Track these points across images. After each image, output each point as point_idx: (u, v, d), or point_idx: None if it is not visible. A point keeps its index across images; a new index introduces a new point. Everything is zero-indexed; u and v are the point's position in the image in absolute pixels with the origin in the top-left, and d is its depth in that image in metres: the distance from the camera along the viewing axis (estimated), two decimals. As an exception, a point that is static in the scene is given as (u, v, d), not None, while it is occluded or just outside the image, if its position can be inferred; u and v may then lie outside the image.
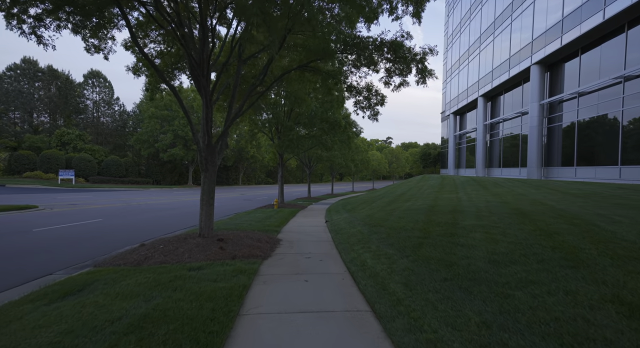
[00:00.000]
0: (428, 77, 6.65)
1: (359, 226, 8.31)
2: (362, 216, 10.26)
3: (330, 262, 5.44)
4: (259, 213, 13.67)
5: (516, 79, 21.83)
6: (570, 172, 16.64)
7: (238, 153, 56.50)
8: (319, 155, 26.35)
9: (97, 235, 8.64)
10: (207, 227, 6.51)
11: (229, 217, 13.55)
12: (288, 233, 8.62)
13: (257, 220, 11.16)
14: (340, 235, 7.69)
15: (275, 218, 11.85)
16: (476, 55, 27.89)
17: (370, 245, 5.95)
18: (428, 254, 4.67)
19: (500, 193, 10.47)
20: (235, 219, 11.67)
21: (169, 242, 6.17)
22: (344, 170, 39.33)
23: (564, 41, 15.92)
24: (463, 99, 31.40)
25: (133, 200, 21.34)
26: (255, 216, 12.62)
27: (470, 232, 5.47)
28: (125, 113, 51.33)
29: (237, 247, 6.06)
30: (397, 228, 6.98)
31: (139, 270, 4.60)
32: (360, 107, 7.81)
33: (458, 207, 8.34)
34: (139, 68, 8.31)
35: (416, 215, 8.10)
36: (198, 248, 5.72)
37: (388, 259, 4.83)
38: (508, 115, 23.31)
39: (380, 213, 10.03)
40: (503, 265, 3.71)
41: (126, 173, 42.75)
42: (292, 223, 11.23)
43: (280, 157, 18.55)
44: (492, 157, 26.61)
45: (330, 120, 17.05)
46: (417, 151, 75.84)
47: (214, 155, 6.56)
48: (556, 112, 18.15)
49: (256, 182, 71.20)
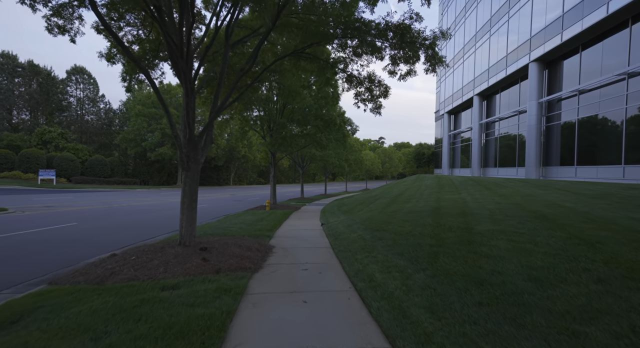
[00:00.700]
0: (438, 64, 5.96)
1: (359, 230, 7.58)
2: (361, 219, 9.54)
3: (332, 275, 4.68)
4: (250, 216, 12.82)
5: (513, 77, 21.47)
6: (570, 172, 16.27)
7: (229, 152, 55.30)
8: (312, 155, 25.60)
9: (67, 242, 7.68)
10: (189, 234, 5.68)
11: (217, 219, 12.67)
12: (281, 239, 7.83)
13: (247, 224, 10.33)
14: (340, 240, 6.94)
15: (267, 221, 11.04)
16: (472, 53, 27.53)
17: (375, 254, 5.21)
18: (448, 267, 3.96)
19: (507, 194, 9.88)
20: (223, 222, 10.82)
21: (143, 252, 5.31)
22: (337, 170, 38.68)
23: (565, 37, 15.53)
24: (458, 98, 31.06)
25: (116, 202, 20.21)
26: (246, 219, 11.78)
27: (491, 239, 4.79)
28: (112, 111, 49.55)
29: (222, 257, 5.24)
30: (404, 233, 6.26)
31: (99, 291, 3.75)
32: (362, 100, 7.07)
33: (466, 209, 7.68)
34: (113, 54, 7.40)
35: (421, 218, 7.41)
36: (176, 260, 4.88)
37: (401, 273, 4.10)
38: (504, 114, 22.96)
39: (380, 215, 9.32)
40: (550, 285, 3.02)
41: (112, 173, 41.14)
42: (286, 226, 10.44)
43: (273, 156, 17.72)
44: (488, 157, 26.28)
45: (325, 118, 16.32)
46: (410, 151, 75.77)
47: (197, 151, 5.73)
48: (555, 111, 17.79)
49: (248, 182, 69.99)
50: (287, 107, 16.65)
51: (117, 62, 7.67)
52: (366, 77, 6.82)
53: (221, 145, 50.84)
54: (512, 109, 21.92)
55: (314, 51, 6.63)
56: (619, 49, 13.37)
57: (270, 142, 15.02)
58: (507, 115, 22.62)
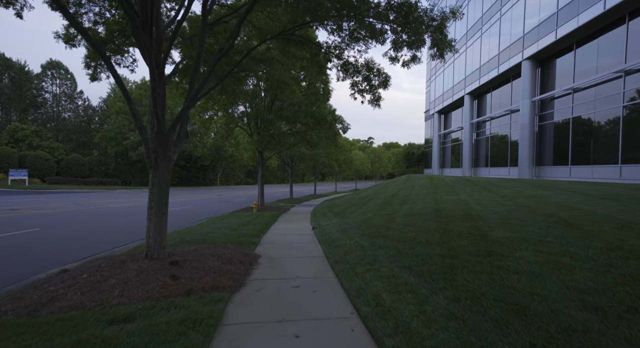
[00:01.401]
0: (447, 49, 5.27)
1: (355, 236, 6.83)
2: (355, 222, 8.79)
3: (329, 295, 3.90)
4: (235, 219, 11.91)
5: (505, 76, 21.24)
6: (564, 172, 16.04)
7: (215, 152, 53.79)
8: (302, 154, 24.78)
9: (19, 253, 6.62)
10: (157, 244, 4.78)
11: (200, 222, 11.71)
12: (269, 246, 6.99)
13: (231, 228, 9.44)
14: (335, 248, 6.16)
15: (253, 225, 10.16)
16: (463, 52, 27.30)
17: (379, 267, 4.46)
18: (472, 287, 3.24)
19: (509, 195, 9.34)
20: (205, 226, 9.88)
21: (99, 268, 4.39)
22: (327, 170, 37.97)
23: (559, 34, 15.26)
24: (448, 97, 30.85)
25: (92, 204, 18.85)
26: (231, 222, 10.87)
27: (514, 250, 4.11)
28: (91, 108, 47.26)
29: (197, 273, 4.38)
30: (407, 240, 5.55)
31: (24, 328, 2.84)
32: (359, 90, 6.32)
33: (471, 212, 7.05)
34: (72, 36, 6.39)
35: (424, 223, 6.72)
36: (138, 279, 3.99)
37: (414, 294, 3.35)
38: (496, 113, 22.74)
39: (377, 218, 8.60)
40: (619, 318, 2.33)
41: (90, 173, 39.10)
42: (274, 230, 9.59)
43: (260, 155, 16.81)
44: (479, 157, 26.09)
45: (316, 115, 15.54)
46: (399, 151, 75.89)
47: (168, 146, 4.84)
48: (548, 110, 17.57)
49: (235, 182, 68.48)
50: (275, 103, 15.79)
51: (77, 44, 6.66)
52: (364, 64, 6.07)
53: (207, 145, 49.32)
54: (503, 108, 21.70)
55: (304, 34, 5.84)
56: (615, 46, 13.12)
57: (258, 140, 14.12)
58: (499, 114, 22.41)
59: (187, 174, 53.22)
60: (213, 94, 9.24)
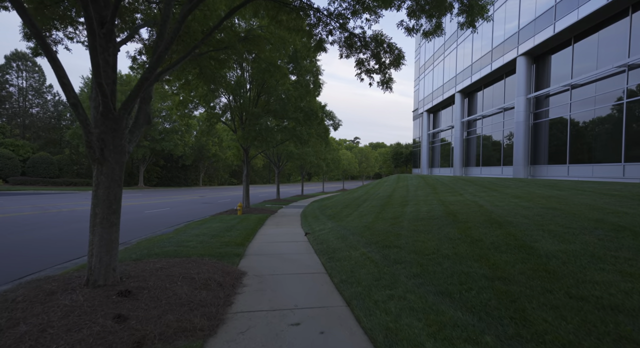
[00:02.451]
0: (478, 16, 4.25)
1: (360, 245, 5.73)
2: (356, 227, 7.70)
3: (343, 339, 2.76)
4: (217, 223, 10.59)
5: (498, 73, 20.79)
6: (561, 171, 15.59)
7: (198, 151, 51.62)
8: (289, 152, 23.56)
9: None
10: (103, 266, 3.50)
11: (176, 228, 10.34)
12: (256, 259, 5.79)
13: (212, 234, 8.15)
14: (337, 262, 5.04)
15: (237, 231, 8.90)
16: (453, 49, 26.84)
17: (404, 293, 3.37)
18: (564, 337, 2.18)
19: (522, 196, 8.51)
20: (182, 233, 8.54)
21: (11, 305, 3.08)
22: (315, 170, 36.86)
23: (557, 28, 14.76)
24: (438, 95, 30.38)
25: (56, 207, 16.95)
26: (212, 227, 9.56)
27: (585, 270, 3.12)
28: (62, 103, 44.05)
29: (156, 307, 3.14)
30: (428, 252, 4.50)
31: None
32: (366, 70, 5.22)
33: (492, 216, 6.09)
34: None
35: (440, 229, 5.71)
36: (64, 323, 2.72)
37: (473, 345, 2.27)
38: (488, 111, 22.29)
39: (380, 223, 7.54)
40: None
41: (60, 173, 36.25)
42: (261, 236, 8.37)
43: (245, 152, 15.49)
44: (470, 156, 25.67)
45: (306, 110, 14.40)
46: (386, 151, 75.71)
47: (118, 133, 3.57)
48: (544, 107, 17.14)
49: (219, 182, 66.27)
50: (261, 96, 14.52)
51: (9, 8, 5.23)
52: (372, 38, 4.98)
53: (189, 143, 47.14)
54: (497, 105, 21.25)
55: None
56: (617, 40, 12.67)
57: (242, 135, 12.81)
58: (491, 112, 21.96)
59: (168, 174, 50.76)
60: (191, 79, 7.93)
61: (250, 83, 14.05)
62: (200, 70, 7.68)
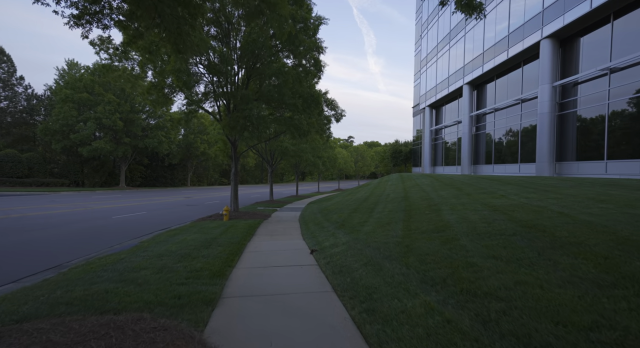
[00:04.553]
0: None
1: (414, 286, 3.46)
2: (384, 244, 5.43)
3: None
4: (195, 234, 8.21)
5: (516, 60, 18.84)
6: (597, 168, 13.66)
7: (186, 149, 48.74)
8: (284, 149, 21.20)
9: None
10: None
11: (143, 239, 7.95)
12: (239, 308, 3.45)
13: (181, 255, 5.80)
14: (386, 326, 2.75)
15: (218, 246, 6.56)
16: (461, 37, 24.87)
17: None
18: None
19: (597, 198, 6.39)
20: (140, 251, 6.16)
21: None
22: (310, 169, 34.59)
23: (595, 3, 12.79)
24: (443, 89, 28.42)
25: (15, 211, 14.34)
26: (186, 241, 7.18)
27: None
28: (35, 97, 40.65)
29: None
30: (578, 322, 2.26)
31: None
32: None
33: (620, 233, 3.91)
34: None
35: (539, 255, 3.51)
36: None
37: None
38: (502, 103, 20.35)
39: (419, 238, 5.29)
40: None
41: (29, 172, 33.02)
42: (250, 256, 6.03)
43: (233, 147, 13.09)
44: (479, 153, 23.74)
45: (305, 95, 12.11)
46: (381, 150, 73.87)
47: None
48: (572, 96, 15.21)
49: (208, 182, 63.37)
50: (252, 80, 12.14)
51: None
52: None
53: (175, 140, 44.25)
54: (512, 97, 19.31)
55: None
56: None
57: (229, 123, 10.42)
58: (506, 104, 20.02)
59: (153, 173, 47.73)
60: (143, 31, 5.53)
61: (238, 62, 11.66)
62: (161, 22, 5.31)
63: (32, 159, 33.19)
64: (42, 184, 32.14)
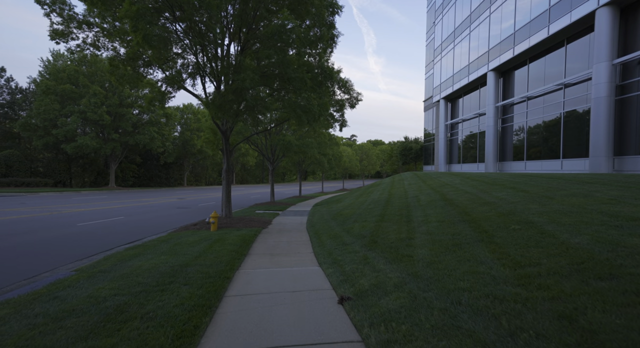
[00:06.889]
0: None
1: None
2: (493, 297, 2.75)
3: None
4: (162, 255, 5.52)
5: (557, 38, 16.13)
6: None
7: (182, 147, 46.11)
8: (286, 144, 18.49)
9: None
10: None
11: (96, 260, 5.28)
12: None
13: (107, 312, 3.11)
14: None
15: (185, 285, 3.84)
16: (485, 18, 22.15)
17: None
18: None
19: None
20: (68, 289, 3.48)
21: None
22: (313, 167, 31.92)
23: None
24: (462, 78, 25.71)
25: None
26: (137, 273, 4.47)
27: None
28: (20, 91, 38.06)
29: None
30: None
31: None
32: None
33: None
34: None
35: None
36: None
37: None
38: (537, 90, 17.64)
39: (551, 282, 2.61)
40: None
41: (8, 171, 30.43)
42: (232, 314, 3.22)
43: (224, 137, 10.42)
44: (506, 148, 21.04)
45: (314, 70, 9.47)
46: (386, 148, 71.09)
47: None
48: (637, 76, 12.50)
49: (206, 182, 60.77)
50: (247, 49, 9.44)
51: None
52: None
53: (170, 138, 41.62)
54: (552, 82, 16.59)
55: None
56: None
57: (215, 101, 7.71)
58: (543, 91, 17.31)
59: (147, 172, 45.09)
60: None
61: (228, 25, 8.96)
62: None
63: (11, 156, 30.56)
64: (22, 184, 29.54)
